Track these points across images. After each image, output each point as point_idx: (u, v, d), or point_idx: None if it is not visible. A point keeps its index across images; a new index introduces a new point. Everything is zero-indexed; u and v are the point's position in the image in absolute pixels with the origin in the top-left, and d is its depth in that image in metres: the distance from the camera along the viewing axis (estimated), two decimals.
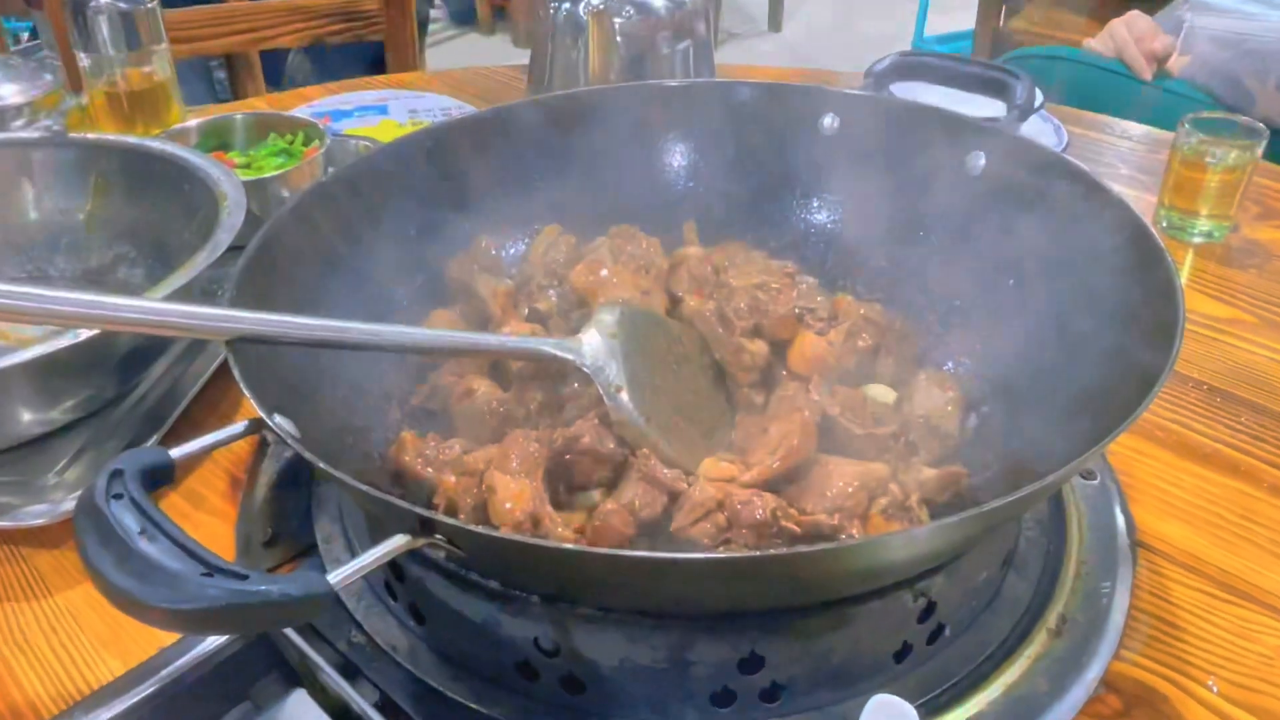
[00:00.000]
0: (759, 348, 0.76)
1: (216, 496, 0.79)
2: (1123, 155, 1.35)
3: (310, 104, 1.45)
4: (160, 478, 0.54)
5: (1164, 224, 1.15)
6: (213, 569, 0.46)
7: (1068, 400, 0.68)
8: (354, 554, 0.70)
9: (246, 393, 0.57)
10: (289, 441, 0.55)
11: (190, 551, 0.46)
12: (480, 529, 0.49)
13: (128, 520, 0.48)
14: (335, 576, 0.47)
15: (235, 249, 0.74)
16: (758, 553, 0.56)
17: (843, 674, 0.60)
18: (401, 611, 0.66)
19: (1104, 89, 1.74)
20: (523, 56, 1.42)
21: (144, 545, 0.47)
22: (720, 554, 0.56)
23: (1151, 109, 1.46)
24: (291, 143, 1.15)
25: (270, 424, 0.56)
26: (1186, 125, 1.11)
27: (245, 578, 0.45)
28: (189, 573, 0.45)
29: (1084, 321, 0.70)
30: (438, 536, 0.50)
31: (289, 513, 0.76)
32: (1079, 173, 0.76)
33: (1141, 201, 1.20)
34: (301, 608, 0.46)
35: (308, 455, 0.53)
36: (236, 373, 0.58)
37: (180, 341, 0.89)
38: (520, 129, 0.91)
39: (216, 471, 0.81)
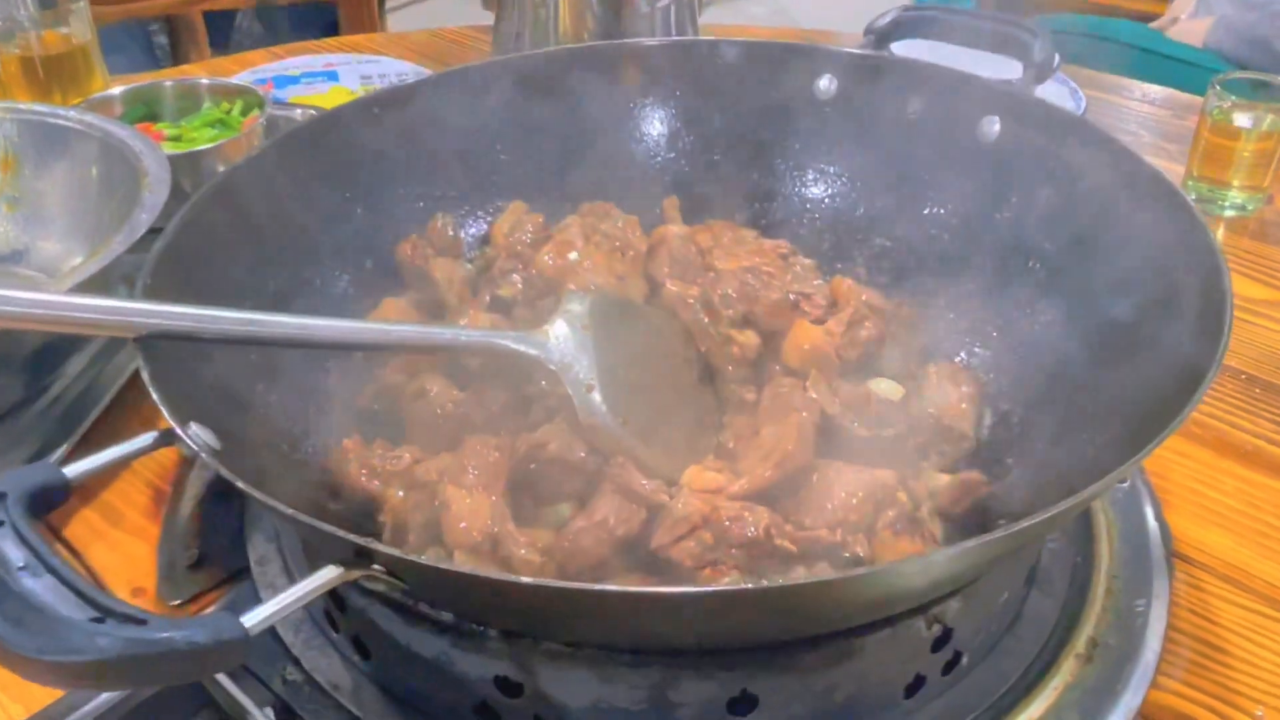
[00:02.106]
0: (749, 339, 0.72)
1: (136, 512, 0.75)
2: (1144, 121, 1.32)
3: (253, 70, 1.41)
4: (54, 500, 0.50)
5: (1192, 196, 1.11)
6: (105, 612, 0.42)
7: (1096, 396, 0.65)
8: (292, 578, 0.66)
9: (156, 398, 0.53)
10: (204, 456, 0.50)
11: (79, 591, 0.42)
12: (424, 560, 0.45)
13: (9, 552, 0.44)
14: (253, 619, 0.43)
15: (159, 231, 0.70)
16: (750, 586, 0.52)
17: (848, 712, 0.57)
18: (344, 645, 0.62)
19: (1116, 64, 1.71)
20: (491, 19, 1.36)
21: (26, 582, 0.43)
22: (707, 589, 0.52)
23: (1170, 83, 1.43)
24: (228, 112, 1.11)
25: (183, 435, 0.51)
26: (1217, 88, 1.07)
27: (143, 623, 0.41)
28: (77, 617, 0.42)
29: (1114, 307, 0.68)
30: (376, 567, 0.46)
31: (218, 530, 0.71)
32: (1106, 139, 0.73)
33: (1167, 172, 1.16)
34: (211, 658, 0.41)
35: (224, 471, 0.49)
36: (145, 375, 0.54)
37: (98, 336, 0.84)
38: (481, 94, 0.87)
39: (136, 484, 0.77)
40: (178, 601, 0.67)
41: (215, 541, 0.71)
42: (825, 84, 0.87)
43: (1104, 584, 0.67)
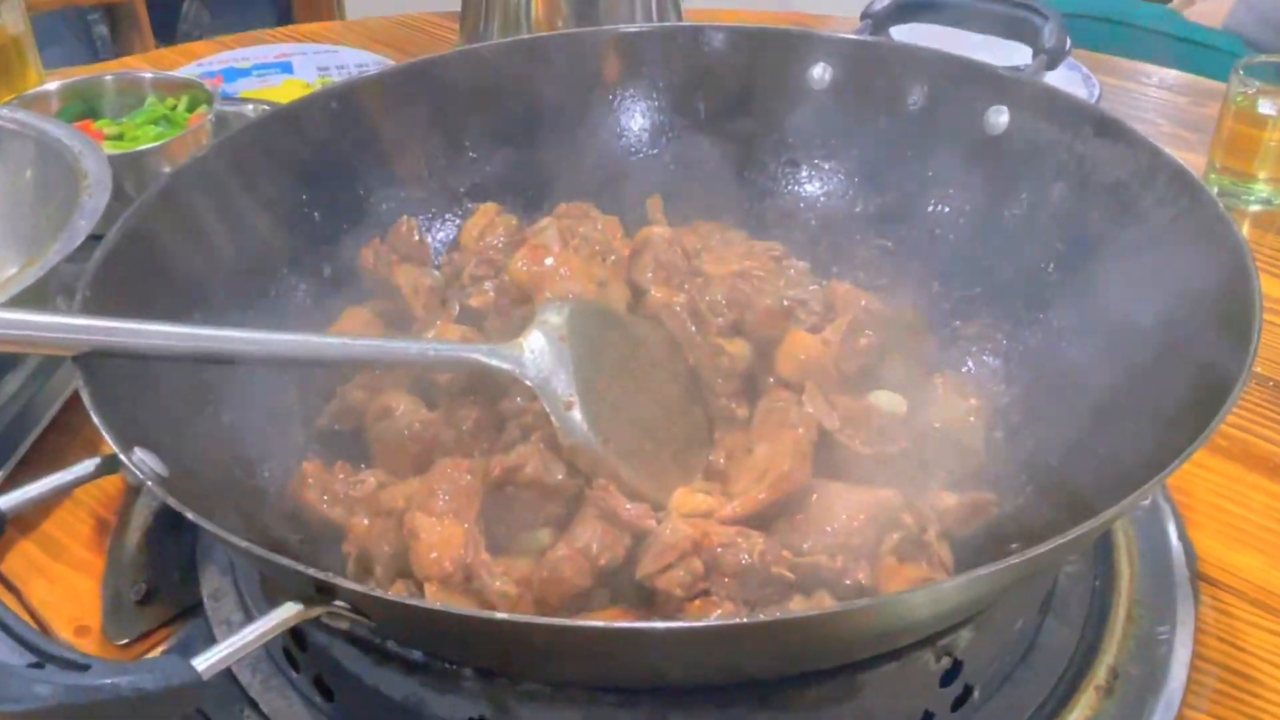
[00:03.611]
0: (740, 349, 0.72)
1: (79, 544, 0.74)
2: (1161, 108, 1.33)
3: (200, 61, 1.40)
4: None
5: (1214, 190, 1.12)
6: (44, 657, 0.42)
7: (1115, 408, 0.65)
8: (248, 614, 0.66)
9: (97, 421, 0.53)
10: (150, 484, 0.50)
11: (16, 635, 0.42)
12: (390, 596, 0.45)
13: None
14: (205, 661, 0.43)
15: (100, 238, 0.70)
16: (744, 620, 0.52)
17: None
18: (306, 685, 0.62)
19: (1131, 48, 1.71)
20: (459, 5, 1.37)
21: None
22: (698, 623, 0.52)
23: (1189, 68, 1.44)
24: (174, 108, 1.10)
25: (127, 462, 0.51)
26: (1240, 73, 1.08)
27: (86, 668, 0.41)
28: (14, 662, 0.42)
29: (1132, 311, 0.68)
30: (338, 604, 0.46)
31: (169, 563, 0.71)
32: (1122, 129, 0.73)
33: (1187, 164, 1.17)
34: (160, 705, 0.41)
35: (172, 501, 0.49)
36: (86, 396, 0.54)
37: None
38: (449, 86, 0.88)
39: (78, 513, 0.76)
40: (125, 641, 0.67)
41: (165, 575, 0.70)
42: (820, 72, 0.88)
43: (1125, 609, 0.67)
